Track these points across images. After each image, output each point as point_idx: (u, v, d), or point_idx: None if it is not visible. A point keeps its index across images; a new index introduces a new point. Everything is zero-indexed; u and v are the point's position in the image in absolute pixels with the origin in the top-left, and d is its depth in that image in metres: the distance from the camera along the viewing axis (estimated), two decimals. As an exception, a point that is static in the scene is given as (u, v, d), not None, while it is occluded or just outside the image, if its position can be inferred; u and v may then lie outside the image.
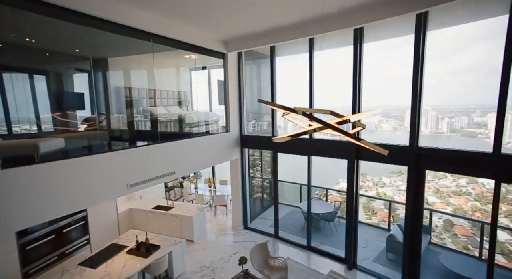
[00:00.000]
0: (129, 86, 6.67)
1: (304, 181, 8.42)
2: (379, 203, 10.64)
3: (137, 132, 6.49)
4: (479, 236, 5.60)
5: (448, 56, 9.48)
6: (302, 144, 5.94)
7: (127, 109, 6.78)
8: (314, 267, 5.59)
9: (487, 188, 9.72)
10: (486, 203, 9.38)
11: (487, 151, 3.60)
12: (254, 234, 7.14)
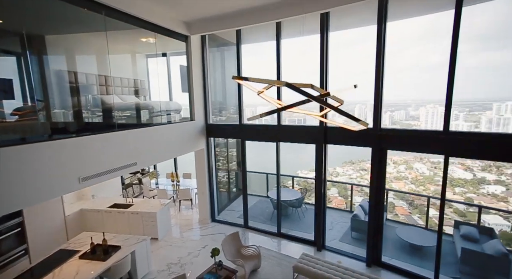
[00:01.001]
0: (74, 71, 5.83)
1: (269, 170, 8.57)
2: (334, 192, 11.41)
3: (86, 124, 5.73)
4: (426, 209, 6.30)
5: (392, 53, 10.35)
6: (270, 131, 5.92)
7: (72, 97, 5.93)
8: (286, 253, 5.67)
9: (420, 172, 11.18)
10: (419, 185, 10.77)
11: (438, 129, 4.00)
12: (223, 226, 6.95)
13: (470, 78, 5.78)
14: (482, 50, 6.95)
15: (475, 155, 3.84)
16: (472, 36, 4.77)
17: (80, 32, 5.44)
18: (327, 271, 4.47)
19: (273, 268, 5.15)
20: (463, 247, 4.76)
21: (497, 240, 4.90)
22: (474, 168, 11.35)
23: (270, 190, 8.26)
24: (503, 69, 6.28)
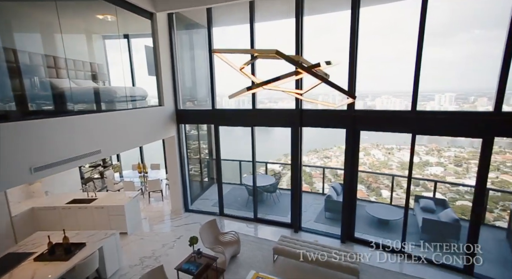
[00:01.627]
0: (12, 48, 4.98)
1: (241, 158, 8.49)
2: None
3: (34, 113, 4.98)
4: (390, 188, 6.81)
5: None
6: (245, 115, 5.79)
7: (12, 79, 5.09)
8: (264, 237, 5.69)
9: (376, 157, 12.18)
10: (376, 170, 11.74)
11: (406, 109, 4.27)
12: (197, 215, 6.73)
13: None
14: (426, 46, 7.69)
15: (439, 132, 4.18)
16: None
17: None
18: (306, 250, 4.59)
19: (253, 252, 5.14)
20: (423, 217, 5.25)
21: (449, 209, 5.50)
22: (420, 152, 12.70)
23: (244, 177, 8.20)
24: (442, 64, 7.12)
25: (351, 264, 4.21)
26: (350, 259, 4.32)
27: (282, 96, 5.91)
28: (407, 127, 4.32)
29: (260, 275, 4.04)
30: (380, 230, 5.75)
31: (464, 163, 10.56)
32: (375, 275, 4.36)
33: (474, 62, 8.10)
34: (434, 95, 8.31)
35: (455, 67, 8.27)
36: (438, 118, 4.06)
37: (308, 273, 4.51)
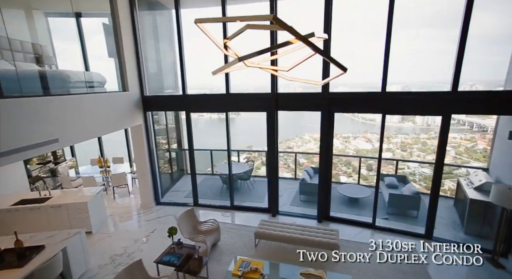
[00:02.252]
0: None
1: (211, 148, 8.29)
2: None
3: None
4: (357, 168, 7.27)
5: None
6: (218, 100, 5.58)
7: None
8: (242, 223, 5.65)
9: (335, 146, 13.23)
10: (335, 157, 12.74)
11: (377, 90, 4.51)
12: (170, 208, 6.40)
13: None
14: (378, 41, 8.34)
15: (406, 111, 4.52)
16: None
17: None
18: (286, 232, 4.67)
19: (233, 239, 5.07)
20: (390, 193, 5.71)
21: (410, 184, 6.07)
22: (373, 139, 13.87)
23: (218, 166, 8.00)
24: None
25: (331, 240, 4.39)
26: (330, 235, 4.51)
27: (257, 84, 5.80)
28: (378, 107, 4.59)
29: (244, 259, 4.00)
30: (351, 207, 6.11)
31: (408, 148, 11.76)
32: (352, 248, 4.63)
33: (419, 58, 8.89)
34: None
35: (402, 61, 9.02)
36: (404, 98, 4.38)
37: (291, 253, 4.60)
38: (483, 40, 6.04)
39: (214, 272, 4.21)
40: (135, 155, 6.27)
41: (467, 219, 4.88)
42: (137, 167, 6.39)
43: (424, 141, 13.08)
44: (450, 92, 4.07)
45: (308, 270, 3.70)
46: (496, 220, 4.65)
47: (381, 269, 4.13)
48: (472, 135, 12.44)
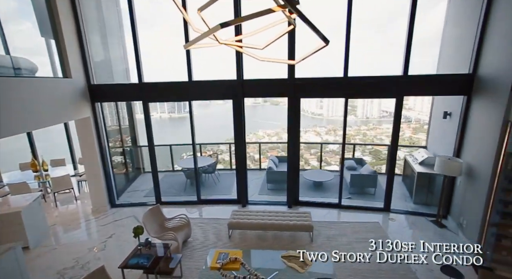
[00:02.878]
0: None
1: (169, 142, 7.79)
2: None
3: None
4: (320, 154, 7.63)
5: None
6: (179, 88, 5.20)
7: None
8: (212, 216, 5.40)
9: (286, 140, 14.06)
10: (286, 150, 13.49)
11: (339, 75, 4.75)
12: (128, 209, 5.77)
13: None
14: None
15: (365, 95, 4.86)
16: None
17: None
18: (260, 219, 4.62)
19: (205, 233, 4.81)
20: (351, 174, 6.12)
21: (366, 164, 6.61)
22: (322, 133, 14.93)
23: (179, 161, 7.51)
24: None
25: (305, 222, 4.49)
26: (303, 218, 4.61)
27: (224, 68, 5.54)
28: (340, 92, 4.83)
29: (221, 251, 3.81)
30: (317, 191, 6.38)
31: (351, 139, 12.95)
32: (323, 227, 4.81)
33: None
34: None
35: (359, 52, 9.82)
36: (363, 82, 4.70)
37: (266, 240, 4.57)
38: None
39: (188, 269, 3.92)
40: (82, 153, 5.45)
41: (415, 191, 5.52)
42: (85, 167, 5.59)
43: (365, 131, 14.51)
44: (402, 75, 4.52)
45: (288, 253, 3.70)
46: (438, 189, 5.37)
47: (353, 243, 4.39)
48: (400, 125, 14.13)
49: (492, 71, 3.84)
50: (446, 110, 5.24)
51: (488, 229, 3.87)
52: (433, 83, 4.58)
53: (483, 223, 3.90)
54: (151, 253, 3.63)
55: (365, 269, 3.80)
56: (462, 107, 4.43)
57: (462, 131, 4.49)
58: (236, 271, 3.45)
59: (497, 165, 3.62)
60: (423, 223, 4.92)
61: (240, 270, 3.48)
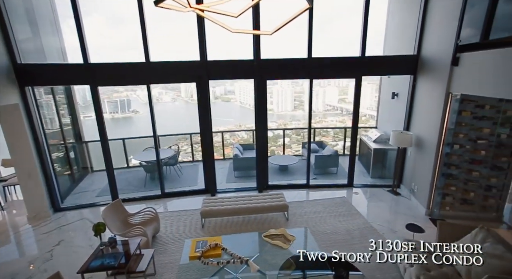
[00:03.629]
0: None
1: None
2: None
3: None
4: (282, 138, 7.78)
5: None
6: (137, 70, 4.66)
7: None
8: (181, 209, 5.03)
9: (240, 137, 14.13)
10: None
11: (304, 57, 4.85)
12: (76, 212, 5.00)
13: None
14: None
15: (328, 75, 5.06)
16: None
17: None
18: (234, 204, 4.47)
19: (175, 226, 4.45)
20: (315, 155, 6.38)
21: (327, 146, 6.98)
22: (273, 127, 15.49)
23: (136, 155, 6.79)
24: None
25: (279, 202, 4.50)
26: (277, 198, 4.61)
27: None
28: (305, 73, 4.94)
29: (199, 240, 3.56)
30: (283, 175, 6.49)
31: (301, 132, 13.71)
32: (295, 207, 4.90)
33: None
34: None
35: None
36: (326, 63, 4.89)
37: (242, 225, 4.44)
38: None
39: (162, 265, 3.56)
40: (11, 150, 4.47)
41: (372, 166, 6.04)
42: (16, 168, 4.62)
43: (312, 124, 15.48)
44: (360, 57, 4.84)
45: (269, 232, 3.65)
46: (390, 163, 5.97)
47: (326, 217, 4.57)
48: (343, 117, 15.65)
49: (434, 51, 4.38)
50: (394, 91, 5.84)
51: (436, 190, 4.44)
52: (386, 64, 5.02)
53: (431, 186, 4.46)
54: (117, 251, 3.17)
55: (340, 239, 3.99)
56: (410, 86, 4.96)
57: (410, 108, 5.04)
58: (218, 258, 3.26)
59: (442, 132, 4.16)
60: (382, 193, 5.42)
61: (222, 256, 3.31)
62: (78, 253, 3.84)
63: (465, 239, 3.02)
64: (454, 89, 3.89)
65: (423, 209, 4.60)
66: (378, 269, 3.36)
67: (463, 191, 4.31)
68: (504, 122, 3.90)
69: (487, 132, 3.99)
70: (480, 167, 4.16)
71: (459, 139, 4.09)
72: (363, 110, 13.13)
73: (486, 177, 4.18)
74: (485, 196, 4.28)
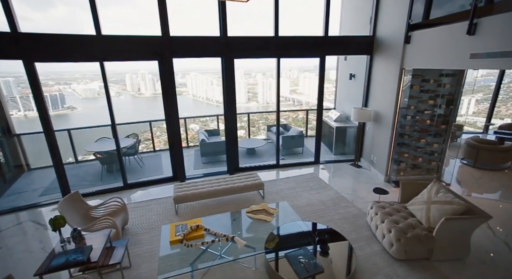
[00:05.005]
0: None
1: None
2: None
3: None
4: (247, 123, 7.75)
5: None
6: (86, 43, 4.04)
7: None
8: (149, 198, 4.64)
9: (196, 131, 14.03)
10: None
11: (271, 35, 4.84)
12: (12, 216, 4.24)
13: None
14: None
15: (295, 54, 5.10)
16: None
17: None
18: (209, 187, 4.31)
19: (145, 216, 4.09)
20: (282, 136, 6.52)
21: (293, 128, 7.19)
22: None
23: (90, 144, 5.97)
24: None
25: (255, 181, 4.48)
26: (251, 177, 4.58)
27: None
28: (272, 51, 4.93)
29: (177, 224, 3.33)
30: (250, 158, 6.49)
31: (255, 123, 14.01)
32: (269, 185, 4.95)
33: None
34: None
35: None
36: (292, 42, 4.95)
37: (218, 207, 4.30)
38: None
39: (136, 256, 3.25)
40: None
41: (334, 144, 6.44)
42: None
43: (266, 116, 15.87)
44: (324, 36, 5.04)
45: (251, 208, 3.61)
46: (349, 140, 6.45)
47: (300, 192, 4.72)
48: (295, 107, 16.33)
49: (388, 31, 4.79)
50: (351, 73, 6.27)
51: (392, 159, 4.96)
52: (346, 44, 5.32)
53: (389, 155, 4.96)
54: (83, 246, 2.77)
55: (316, 209, 4.18)
56: (367, 65, 5.37)
57: (368, 86, 5.47)
58: (202, 239, 3.10)
59: (397, 105, 4.63)
60: (345, 167, 5.83)
61: (204, 237, 3.16)
62: (27, 258, 3.25)
63: (423, 193, 3.44)
64: (406, 65, 4.34)
65: (382, 177, 5.10)
66: (353, 231, 3.62)
67: (413, 157, 4.90)
68: (443, 95, 4.53)
69: (431, 104, 4.57)
70: (426, 135, 4.77)
71: (410, 111, 4.60)
72: (313, 101, 13.85)
73: (430, 143, 4.82)
74: (429, 160, 4.94)
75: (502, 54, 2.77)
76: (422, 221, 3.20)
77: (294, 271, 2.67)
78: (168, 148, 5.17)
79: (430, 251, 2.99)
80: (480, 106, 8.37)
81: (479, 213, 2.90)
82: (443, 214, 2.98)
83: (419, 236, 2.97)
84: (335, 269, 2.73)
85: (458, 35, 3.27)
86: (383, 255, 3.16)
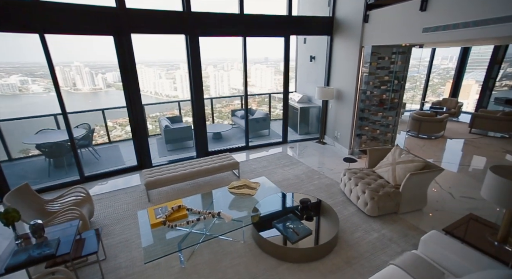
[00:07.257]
0: None
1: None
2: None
3: None
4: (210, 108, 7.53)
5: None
6: (18, 9, 3.38)
7: None
8: (113, 189, 4.21)
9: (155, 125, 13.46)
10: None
11: (236, 12, 4.71)
12: None
13: None
14: None
15: (261, 33, 5.06)
16: None
17: None
18: (183, 171, 4.10)
19: (113, 207, 3.71)
20: (249, 119, 6.49)
21: (258, 111, 7.23)
22: (182, 112, 15.15)
23: (31, 136, 5.09)
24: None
25: (230, 161, 4.41)
26: (225, 158, 4.50)
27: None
28: (238, 30, 4.81)
29: (155, 207, 3.10)
30: (218, 142, 6.38)
31: (209, 117, 13.89)
32: (243, 166, 4.93)
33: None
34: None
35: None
36: (257, 21, 4.89)
37: (193, 190, 4.13)
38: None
39: (111, 247, 2.95)
40: None
41: (299, 124, 6.69)
42: None
43: (220, 109, 15.75)
44: (288, 15, 5.10)
45: (232, 184, 3.54)
46: (312, 120, 6.76)
47: (274, 169, 4.80)
48: (248, 100, 16.23)
49: (348, 11, 5.06)
50: (311, 55, 6.52)
51: (355, 133, 5.37)
52: (308, 25, 5.47)
53: (351, 130, 5.35)
54: (46, 240, 2.39)
55: (293, 183, 4.32)
56: (328, 46, 5.64)
57: (329, 66, 5.77)
58: (185, 219, 2.95)
59: (358, 82, 4.99)
60: (311, 144, 6.12)
61: (188, 217, 3.00)
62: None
63: (388, 156, 3.81)
64: (365, 42, 4.69)
65: (346, 150, 5.50)
66: (329, 198, 3.85)
67: (372, 129, 5.38)
68: (396, 71, 5.03)
69: (387, 79, 5.05)
70: (382, 109, 5.27)
71: (370, 86, 5.01)
72: (265, 91, 14.05)
73: (386, 116, 5.34)
74: (385, 132, 5.49)
75: (450, 27, 3.17)
76: (390, 180, 3.55)
77: (284, 236, 2.73)
78: (131, 136, 4.72)
79: (397, 205, 3.36)
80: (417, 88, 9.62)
81: (434, 167, 3.34)
82: (407, 171, 3.35)
83: (388, 193, 3.30)
84: (322, 231, 2.88)
85: (412, 12, 3.64)
86: (358, 214, 3.44)
